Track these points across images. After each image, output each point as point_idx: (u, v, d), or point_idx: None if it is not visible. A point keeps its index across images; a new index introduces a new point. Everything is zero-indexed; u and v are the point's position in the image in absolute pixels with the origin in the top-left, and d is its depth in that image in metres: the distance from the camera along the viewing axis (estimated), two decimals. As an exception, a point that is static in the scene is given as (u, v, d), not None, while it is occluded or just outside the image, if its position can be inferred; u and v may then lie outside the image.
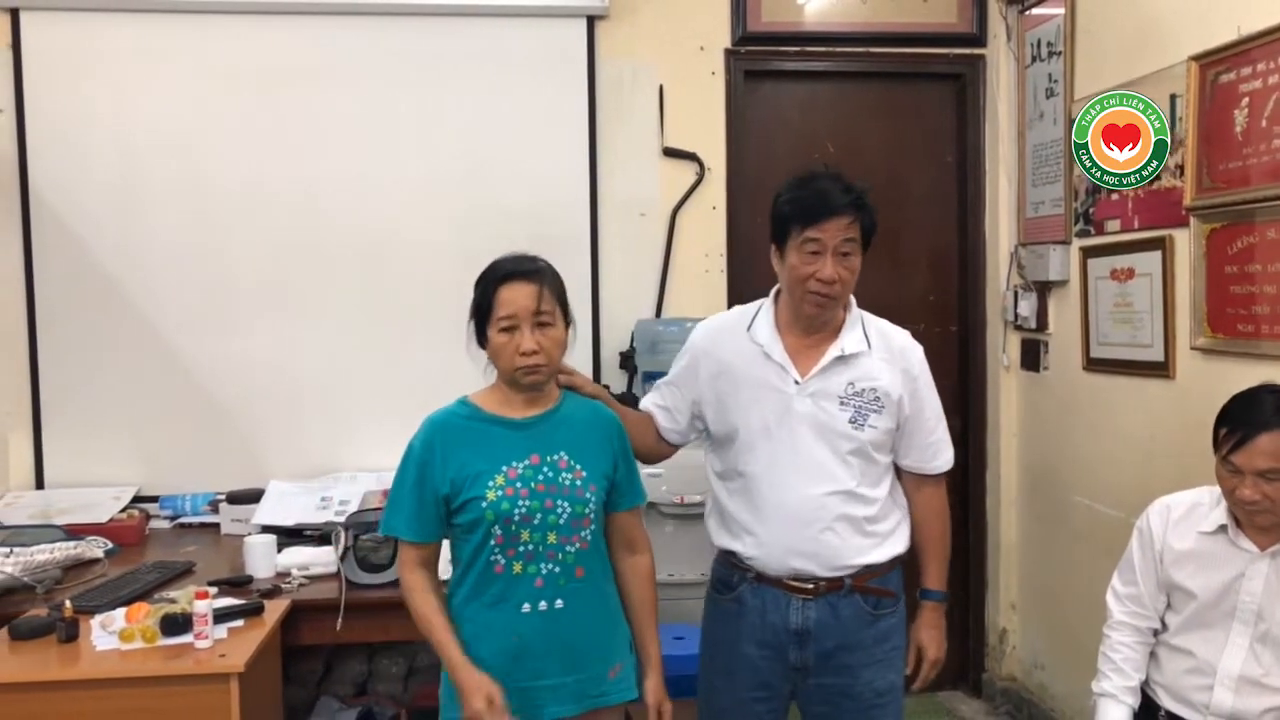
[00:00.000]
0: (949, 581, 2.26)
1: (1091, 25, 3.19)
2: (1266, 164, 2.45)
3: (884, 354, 2.09)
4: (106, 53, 3.41)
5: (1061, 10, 3.31)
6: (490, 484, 1.88)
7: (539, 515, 1.89)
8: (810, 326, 2.09)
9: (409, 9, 3.50)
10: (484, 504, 1.87)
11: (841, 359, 2.06)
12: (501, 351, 1.91)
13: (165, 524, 3.35)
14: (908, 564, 2.19)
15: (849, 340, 2.08)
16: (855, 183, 2.04)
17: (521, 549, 1.89)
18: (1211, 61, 2.62)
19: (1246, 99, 2.51)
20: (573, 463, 1.94)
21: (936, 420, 2.16)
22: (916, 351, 2.14)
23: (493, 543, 1.89)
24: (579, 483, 1.93)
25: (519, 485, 1.89)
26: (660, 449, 2.26)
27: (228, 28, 3.44)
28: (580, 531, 1.94)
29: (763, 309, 2.16)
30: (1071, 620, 3.35)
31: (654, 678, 2.04)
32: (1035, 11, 3.50)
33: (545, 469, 1.92)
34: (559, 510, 1.91)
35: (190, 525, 3.33)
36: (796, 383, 2.06)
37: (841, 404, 2.05)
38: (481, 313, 1.93)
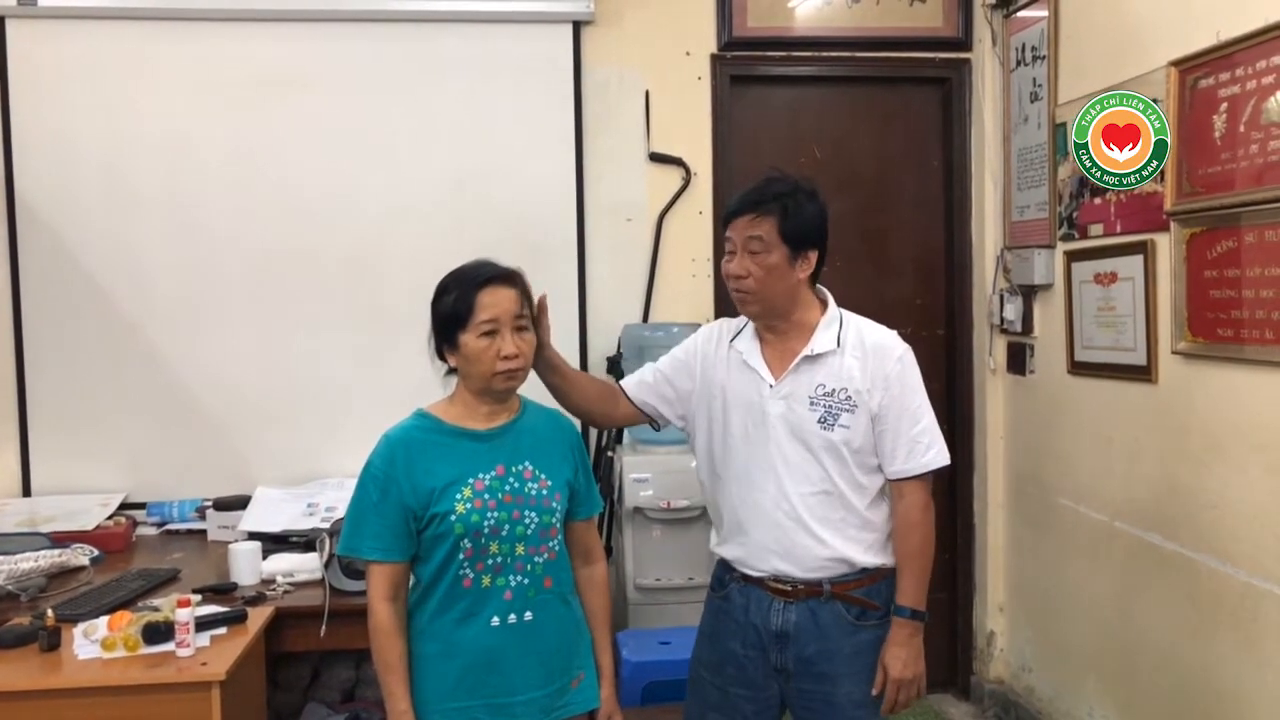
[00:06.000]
0: (937, 586, 2.21)
1: (1075, 30, 3.20)
2: (1245, 169, 2.46)
3: (857, 352, 2.08)
4: (93, 61, 3.42)
5: (1046, 14, 3.32)
6: (458, 496, 1.86)
7: (507, 526, 1.88)
8: (773, 329, 2.12)
9: (395, 16, 3.51)
10: (453, 517, 1.85)
11: (810, 359, 2.08)
12: (481, 356, 1.88)
13: (152, 531, 3.36)
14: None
15: (819, 340, 2.09)
16: (779, 184, 2.07)
17: (490, 561, 1.88)
18: (1191, 67, 2.63)
19: (1225, 104, 2.52)
20: (537, 472, 1.94)
21: (913, 420, 2.08)
22: (895, 349, 2.09)
23: (461, 556, 1.87)
24: (545, 492, 1.93)
25: (487, 497, 1.88)
26: (627, 413, 2.24)
27: (214, 35, 3.45)
28: (548, 542, 1.94)
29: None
30: (1059, 622, 3.35)
31: (607, 688, 2.05)
32: (1020, 15, 3.51)
33: (511, 479, 1.91)
34: (527, 521, 1.90)
35: (177, 532, 3.34)
36: (771, 386, 2.09)
37: (811, 405, 2.06)
38: (455, 319, 1.88)
